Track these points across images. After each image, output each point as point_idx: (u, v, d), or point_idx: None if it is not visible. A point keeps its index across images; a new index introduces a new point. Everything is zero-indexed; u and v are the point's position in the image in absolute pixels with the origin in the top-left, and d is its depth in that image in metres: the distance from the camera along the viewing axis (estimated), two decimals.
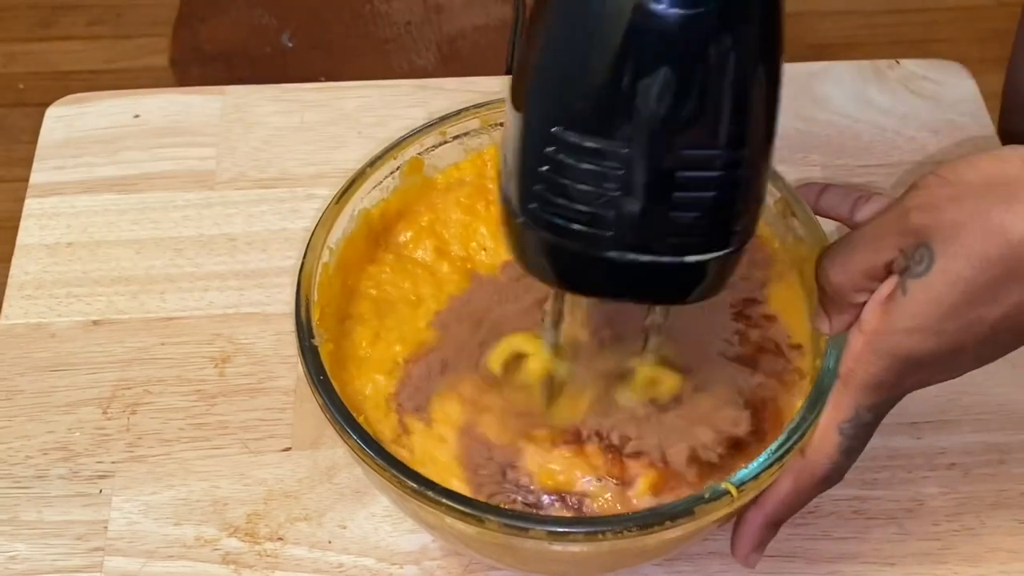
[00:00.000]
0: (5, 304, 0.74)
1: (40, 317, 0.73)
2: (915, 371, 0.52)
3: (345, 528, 0.65)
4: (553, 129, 0.45)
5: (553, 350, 0.58)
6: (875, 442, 0.56)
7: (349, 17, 1.29)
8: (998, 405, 0.69)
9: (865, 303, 0.54)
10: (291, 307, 0.59)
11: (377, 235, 0.64)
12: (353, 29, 1.28)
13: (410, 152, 0.64)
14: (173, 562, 0.64)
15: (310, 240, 0.60)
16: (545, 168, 0.46)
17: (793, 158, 0.80)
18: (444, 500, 0.52)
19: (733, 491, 0.52)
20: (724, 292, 0.51)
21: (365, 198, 0.63)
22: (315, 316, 0.58)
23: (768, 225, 0.63)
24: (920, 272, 0.50)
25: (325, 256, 0.60)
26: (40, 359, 0.72)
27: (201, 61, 1.26)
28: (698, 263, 0.48)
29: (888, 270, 0.52)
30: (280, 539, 0.64)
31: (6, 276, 0.75)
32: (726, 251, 0.48)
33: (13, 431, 0.69)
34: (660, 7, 0.42)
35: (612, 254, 0.47)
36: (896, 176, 0.79)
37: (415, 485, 0.52)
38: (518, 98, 0.47)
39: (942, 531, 0.64)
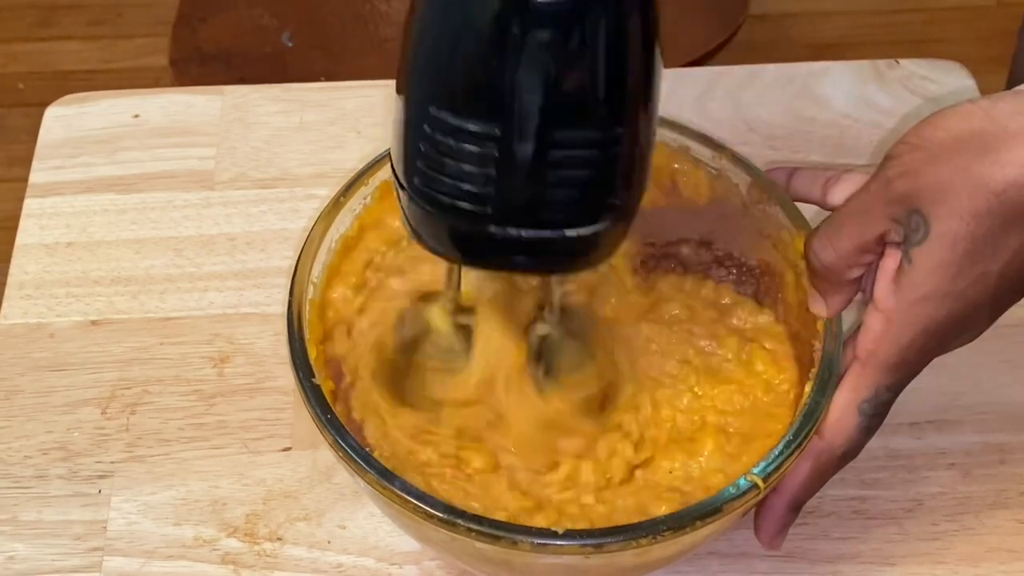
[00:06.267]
0: (4, 304, 0.74)
1: (39, 317, 0.73)
2: (936, 341, 0.53)
3: (344, 528, 0.65)
4: (429, 109, 0.46)
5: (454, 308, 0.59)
6: (875, 442, 0.56)
7: (349, 17, 1.29)
8: (999, 405, 0.69)
9: (859, 278, 0.54)
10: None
11: (353, 248, 0.64)
12: (353, 29, 1.28)
13: (380, 176, 0.64)
14: (172, 562, 0.64)
15: (294, 279, 0.59)
16: (423, 146, 0.47)
17: (793, 158, 0.80)
18: (474, 526, 0.51)
19: (760, 483, 0.52)
20: None
21: (341, 227, 0.63)
22: (312, 354, 0.57)
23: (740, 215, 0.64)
24: (919, 240, 0.50)
25: (310, 292, 0.60)
26: (39, 359, 0.72)
27: (201, 61, 1.26)
28: (581, 236, 0.49)
29: (880, 243, 0.52)
30: (279, 539, 0.64)
31: (5, 276, 0.75)
32: (608, 224, 0.49)
33: (12, 431, 0.69)
34: None
35: (494, 229, 0.48)
36: None
37: (442, 515, 0.52)
38: (399, 77, 0.48)
39: (942, 531, 0.64)
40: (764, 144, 0.80)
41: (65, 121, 0.83)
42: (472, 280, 0.58)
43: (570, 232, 0.49)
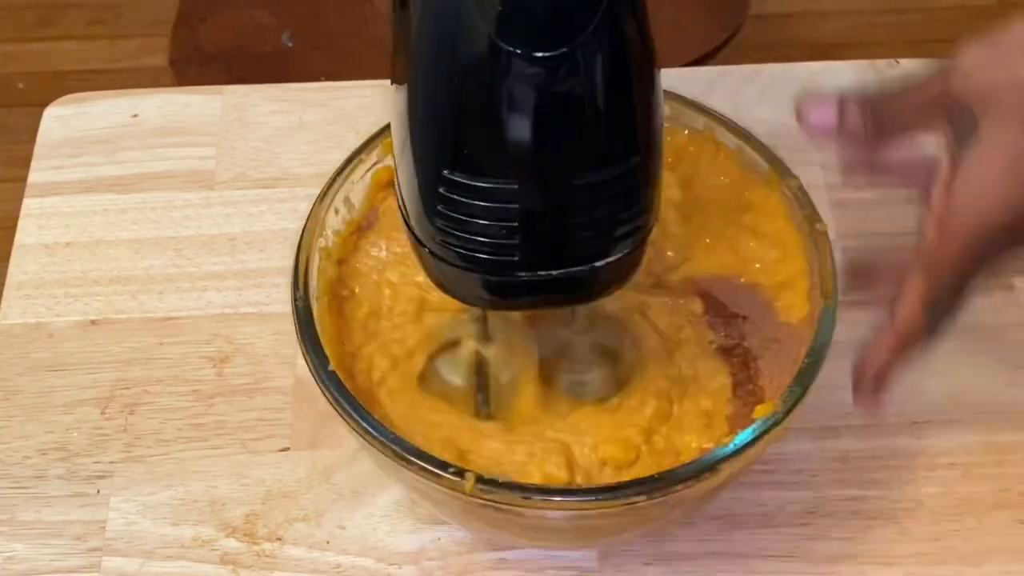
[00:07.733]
0: (3, 304, 0.74)
1: (38, 317, 0.73)
2: (989, 242, 0.53)
3: (343, 528, 0.65)
4: (443, 172, 0.46)
5: (481, 338, 0.59)
6: (875, 442, 0.56)
7: (349, 17, 1.29)
8: (999, 405, 0.69)
9: (889, 169, 0.56)
10: (289, 306, 0.59)
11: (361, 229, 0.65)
12: (353, 29, 1.28)
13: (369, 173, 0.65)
14: (171, 562, 0.64)
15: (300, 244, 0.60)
16: (442, 207, 0.47)
17: (794, 158, 0.80)
18: (486, 488, 0.52)
19: (778, 408, 0.54)
20: None
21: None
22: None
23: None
24: (971, 142, 0.51)
25: (319, 254, 0.61)
26: (38, 359, 0.72)
27: (201, 61, 1.26)
28: (609, 263, 0.50)
29: (939, 103, 0.53)
30: (278, 539, 0.64)
31: (4, 276, 0.75)
32: (634, 244, 0.50)
33: (11, 431, 0.69)
34: (517, 52, 0.44)
35: (523, 274, 0.49)
36: None
37: (453, 478, 0.52)
38: (403, 142, 0.48)
39: (942, 531, 0.64)
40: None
41: (65, 121, 0.83)
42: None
43: (599, 263, 0.49)
